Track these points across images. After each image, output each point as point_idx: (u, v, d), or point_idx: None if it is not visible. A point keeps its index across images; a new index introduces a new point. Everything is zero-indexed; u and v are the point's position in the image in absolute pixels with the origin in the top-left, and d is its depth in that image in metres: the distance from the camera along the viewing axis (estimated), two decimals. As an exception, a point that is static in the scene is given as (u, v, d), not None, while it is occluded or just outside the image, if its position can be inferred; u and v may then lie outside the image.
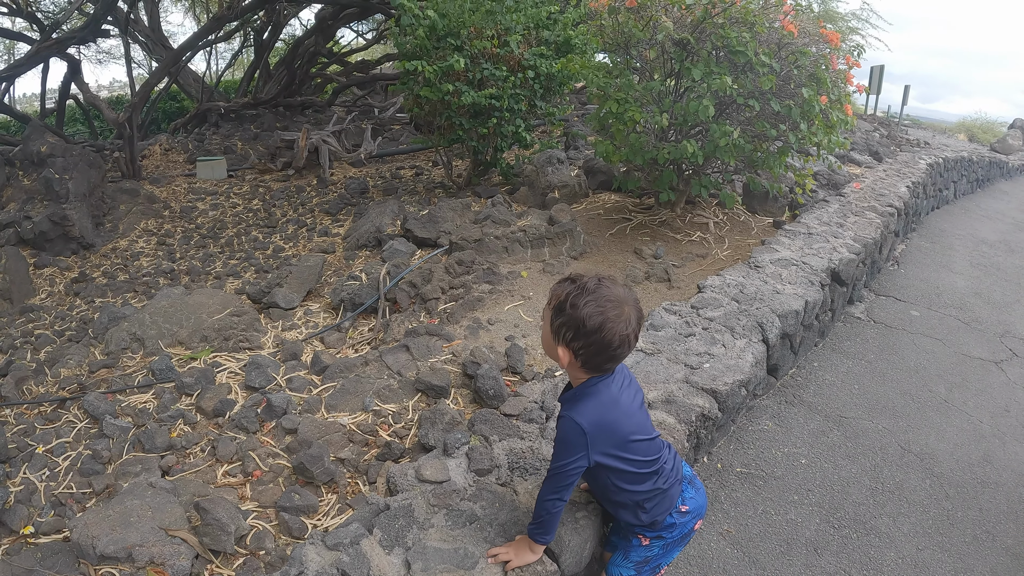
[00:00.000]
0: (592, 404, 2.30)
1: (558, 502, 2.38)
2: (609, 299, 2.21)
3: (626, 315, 2.22)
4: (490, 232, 6.08)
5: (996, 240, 10.53)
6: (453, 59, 7.38)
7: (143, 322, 5.26)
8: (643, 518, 2.47)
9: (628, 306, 2.24)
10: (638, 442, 2.36)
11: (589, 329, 2.19)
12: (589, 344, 2.22)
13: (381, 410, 4.04)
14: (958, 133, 26.27)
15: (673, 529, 2.54)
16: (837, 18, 20.41)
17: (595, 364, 2.28)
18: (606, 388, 2.33)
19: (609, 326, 2.19)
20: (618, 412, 2.33)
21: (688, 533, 2.61)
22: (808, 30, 6.16)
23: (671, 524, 2.53)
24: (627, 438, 2.33)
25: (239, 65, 25.95)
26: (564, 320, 2.23)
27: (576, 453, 2.28)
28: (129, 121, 11.34)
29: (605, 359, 2.27)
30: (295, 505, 3.30)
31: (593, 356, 2.25)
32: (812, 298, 5.17)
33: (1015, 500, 4.32)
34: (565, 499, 2.38)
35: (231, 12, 13.11)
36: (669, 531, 2.54)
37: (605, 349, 2.22)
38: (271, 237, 8.94)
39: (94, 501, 3.52)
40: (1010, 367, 6.13)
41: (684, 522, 2.56)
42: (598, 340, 2.20)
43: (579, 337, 2.22)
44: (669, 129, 6.33)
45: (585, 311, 2.19)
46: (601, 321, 2.18)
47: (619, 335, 2.21)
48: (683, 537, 2.61)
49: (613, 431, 2.31)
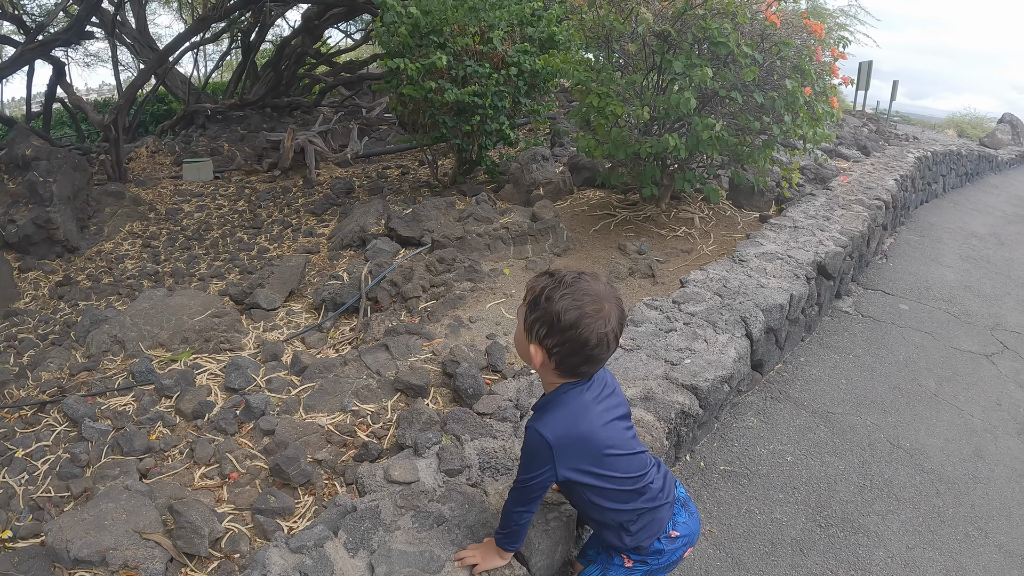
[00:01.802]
0: (561, 414, 2.12)
1: (525, 514, 2.25)
2: (587, 293, 2.04)
3: (606, 312, 2.04)
4: (472, 230, 6.04)
5: (986, 233, 10.49)
6: (436, 56, 7.33)
7: (124, 324, 5.21)
8: (627, 541, 2.29)
9: (608, 303, 2.06)
10: (616, 457, 2.17)
11: (564, 325, 2.01)
12: (564, 342, 2.03)
13: (360, 410, 4.00)
14: (947, 129, 26.27)
15: (660, 556, 2.35)
16: (825, 14, 20.41)
17: (570, 366, 2.10)
18: (577, 396, 2.15)
19: (586, 322, 2.01)
20: (590, 423, 2.14)
21: (676, 560, 2.42)
22: (791, 21, 6.12)
23: (658, 550, 2.34)
24: (601, 452, 2.14)
25: (227, 67, 25.88)
26: (538, 315, 2.05)
27: (541, 467, 2.12)
28: (115, 123, 11.29)
29: (581, 360, 2.08)
30: (271, 507, 3.26)
31: (568, 356, 2.06)
32: (797, 292, 5.12)
33: (1007, 496, 4.26)
34: (533, 510, 2.25)
35: (216, 13, 13.08)
36: (656, 557, 2.35)
37: (581, 348, 2.04)
38: (256, 238, 8.88)
39: (72, 505, 3.48)
40: (1001, 360, 6.08)
41: (673, 548, 2.36)
42: (573, 337, 2.02)
43: (553, 333, 2.03)
44: (652, 123, 6.28)
45: (560, 304, 2.01)
46: (577, 316, 2.01)
47: (596, 333, 2.02)
48: (670, 564, 2.41)
49: (584, 445, 2.13)
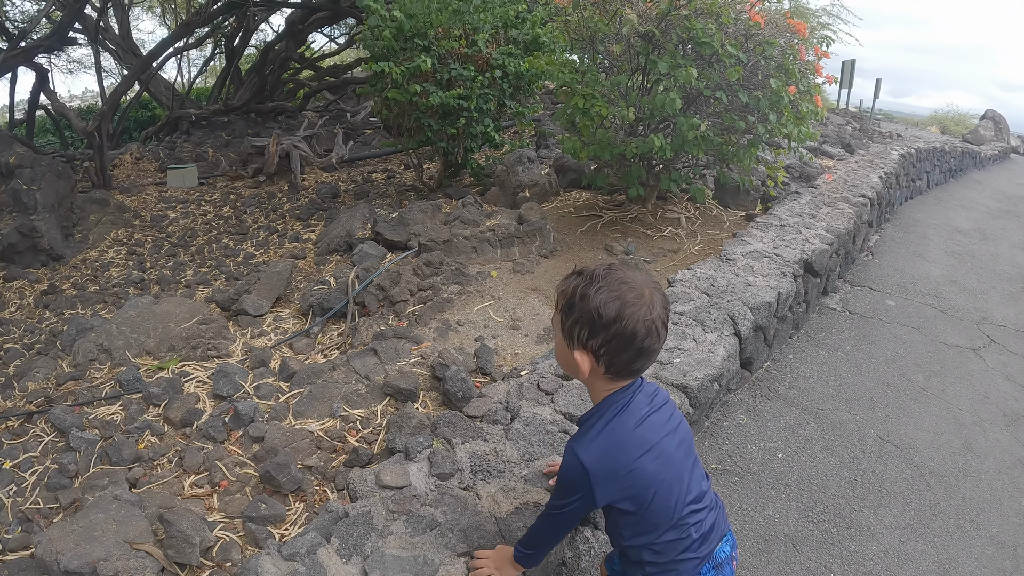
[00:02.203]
0: (604, 434, 1.95)
1: (553, 541, 2.16)
2: (624, 282, 1.88)
3: (648, 298, 1.88)
4: (459, 232, 6.03)
5: (970, 228, 10.56)
6: (420, 60, 7.31)
7: (110, 333, 5.18)
8: None
9: (648, 288, 1.90)
10: (660, 486, 1.97)
11: (607, 320, 1.84)
12: (610, 339, 1.86)
13: (349, 415, 3.98)
14: (930, 126, 26.44)
15: None
16: (808, 14, 20.49)
17: (622, 365, 1.92)
18: (624, 409, 1.98)
19: (630, 312, 1.84)
20: (638, 442, 1.96)
21: None
22: (775, 21, 6.14)
23: None
24: (644, 479, 1.95)
25: (211, 72, 25.78)
26: (576, 317, 1.90)
27: (574, 494, 1.96)
28: (99, 130, 11.22)
29: (632, 355, 1.89)
30: (262, 515, 3.24)
31: (618, 354, 1.89)
32: (785, 289, 5.13)
33: (998, 487, 4.29)
34: (562, 537, 2.15)
35: (200, 18, 13.03)
36: None
37: (630, 342, 1.86)
38: (242, 244, 8.84)
39: (61, 516, 3.45)
40: (988, 353, 6.13)
41: None
42: (619, 332, 1.85)
43: (596, 332, 1.87)
44: (638, 124, 6.29)
45: (597, 299, 1.85)
46: (619, 307, 1.84)
47: (644, 321, 1.85)
48: None
49: (625, 469, 1.94)
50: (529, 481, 2.75)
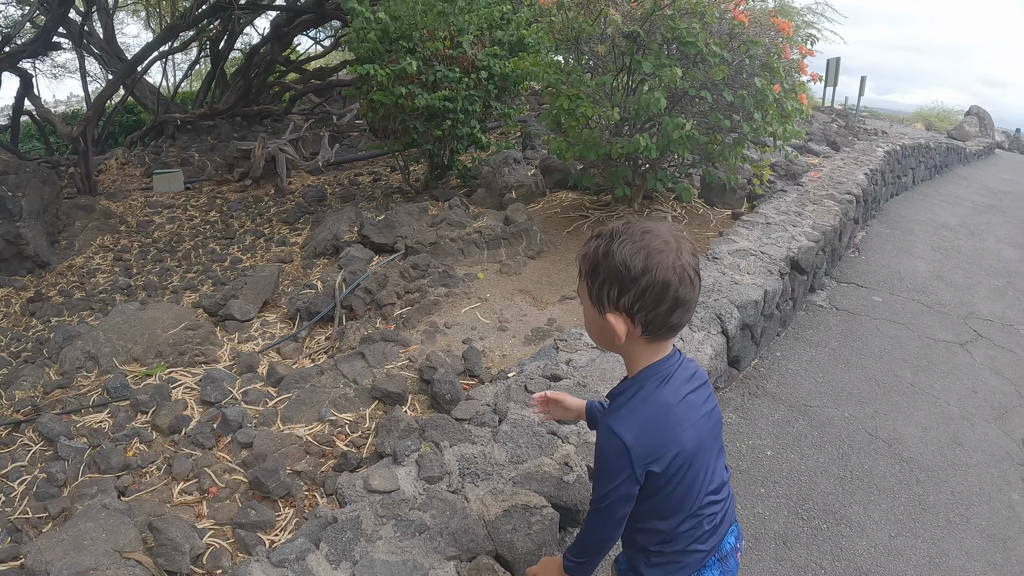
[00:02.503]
0: (642, 407, 1.82)
1: (608, 541, 1.94)
2: (646, 232, 1.76)
3: (673, 244, 1.75)
4: (446, 235, 6.02)
5: (956, 224, 10.61)
6: (405, 62, 7.30)
7: (97, 340, 5.15)
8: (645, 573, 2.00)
9: (673, 236, 1.77)
10: (689, 467, 1.85)
11: (635, 272, 1.71)
12: (642, 292, 1.72)
13: (337, 420, 3.97)
14: (915, 122, 26.60)
15: None
16: (792, 12, 20.54)
17: (660, 321, 1.76)
18: (664, 383, 1.84)
19: (658, 259, 1.71)
20: (677, 418, 1.83)
21: None
22: (760, 20, 6.15)
23: None
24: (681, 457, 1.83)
25: (196, 76, 25.69)
26: (603, 278, 1.77)
27: (617, 477, 1.80)
28: (83, 136, 11.17)
29: (669, 308, 1.75)
30: (251, 521, 3.22)
31: (654, 308, 1.74)
32: (771, 287, 5.15)
33: (987, 481, 4.32)
34: (619, 533, 1.93)
35: (184, 21, 12.97)
36: None
37: (664, 292, 1.72)
38: (229, 249, 8.80)
39: (51, 525, 3.42)
40: (975, 348, 6.16)
41: None
42: (651, 283, 1.71)
43: (627, 288, 1.73)
44: (623, 124, 6.30)
45: (622, 252, 1.73)
46: (646, 257, 1.71)
47: (674, 268, 1.71)
48: None
49: (666, 445, 1.80)
50: (517, 483, 2.75)
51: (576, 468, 2.87)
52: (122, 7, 20.57)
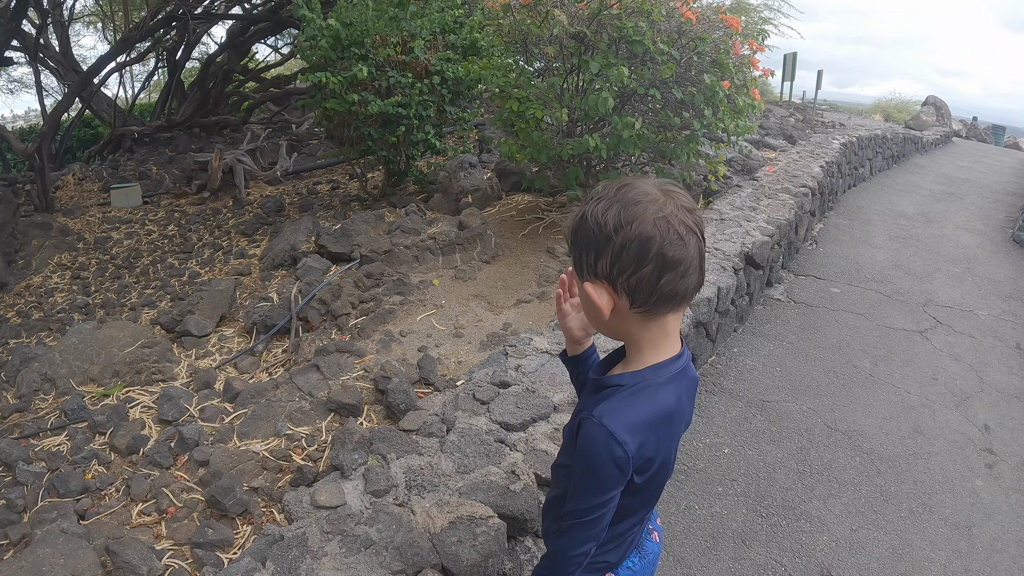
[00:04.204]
0: (649, 405, 1.55)
1: (584, 557, 1.63)
2: (624, 185, 1.51)
3: (653, 195, 1.48)
4: (400, 242, 5.98)
5: (914, 212, 10.71)
6: (357, 68, 7.25)
7: (53, 361, 5.07)
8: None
9: (659, 190, 1.50)
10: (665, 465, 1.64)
11: (608, 230, 1.46)
12: (619, 252, 1.46)
13: (294, 434, 3.92)
14: (874, 114, 26.91)
15: None
16: (749, 9, 20.72)
17: (648, 288, 1.48)
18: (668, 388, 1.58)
19: (633, 211, 1.45)
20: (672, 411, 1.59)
21: None
22: (707, 17, 6.16)
23: None
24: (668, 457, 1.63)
25: (155, 87, 25.41)
26: (580, 248, 1.54)
27: (614, 487, 1.53)
28: (39, 151, 10.98)
29: (656, 270, 1.45)
30: (209, 540, 3.17)
31: (634, 271, 1.46)
32: (725, 284, 5.15)
33: (950, 468, 4.34)
34: (597, 544, 1.64)
35: (139, 32, 12.80)
36: None
37: (644, 249, 1.44)
38: (187, 263, 8.70)
39: (11, 553, 3.35)
40: (935, 335, 6.20)
41: None
42: (627, 239, 1.45)
43: (602, 249, 1.48)
44: (575, 125, 6.29)
45: (595, 215, 1.49)
46: (618, 211, 1.47)
47: (655, 222, 1.44)
48: None
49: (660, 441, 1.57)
50: (464, 494, 2.71)
51: (523, 476, 2.84)
52: (77, 18, 20.30)
